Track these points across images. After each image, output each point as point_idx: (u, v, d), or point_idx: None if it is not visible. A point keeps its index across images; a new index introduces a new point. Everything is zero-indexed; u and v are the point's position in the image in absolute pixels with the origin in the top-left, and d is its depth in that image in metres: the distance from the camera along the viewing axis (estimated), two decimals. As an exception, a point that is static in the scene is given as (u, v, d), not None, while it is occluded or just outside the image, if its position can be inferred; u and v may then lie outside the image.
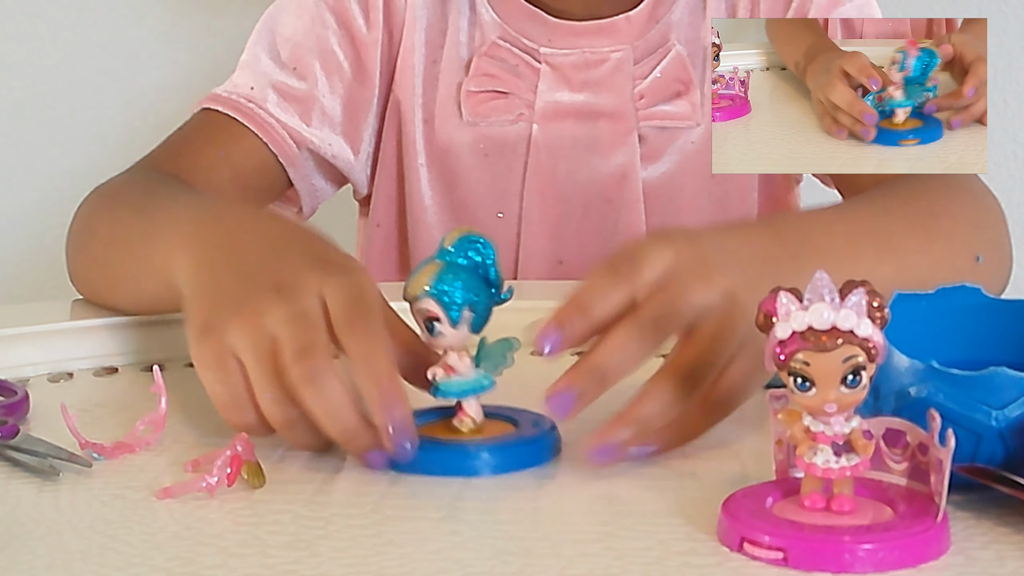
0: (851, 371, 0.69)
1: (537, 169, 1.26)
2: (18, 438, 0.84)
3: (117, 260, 1.04)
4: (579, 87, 1.26)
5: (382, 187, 1.30)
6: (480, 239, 0.82)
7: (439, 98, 1.27)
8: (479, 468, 0.81)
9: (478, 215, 1.28)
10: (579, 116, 1.26)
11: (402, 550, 0.72)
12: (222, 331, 0.83)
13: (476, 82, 1.26)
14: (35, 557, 0.72)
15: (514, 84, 1.26)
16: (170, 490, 0.78)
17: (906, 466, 0.73)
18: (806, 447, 0.71)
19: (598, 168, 1.26)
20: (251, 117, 1.21)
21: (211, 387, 0.83)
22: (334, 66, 1.25)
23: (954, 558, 0.70)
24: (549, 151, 1.26)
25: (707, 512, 0.74)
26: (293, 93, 1.23)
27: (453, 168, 1.27)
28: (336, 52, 1.25)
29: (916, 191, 1.03)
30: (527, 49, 1.26)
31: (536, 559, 0.71)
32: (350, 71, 1.25)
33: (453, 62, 1.27)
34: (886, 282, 0.77)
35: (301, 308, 0.82)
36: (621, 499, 0.78)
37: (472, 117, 1.26)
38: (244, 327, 0.82)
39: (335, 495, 0.79)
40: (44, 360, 1.01)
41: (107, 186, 1.14)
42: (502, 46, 1.26)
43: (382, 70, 1.27)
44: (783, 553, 0.69)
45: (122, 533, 0.74)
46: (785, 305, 0.70)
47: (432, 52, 1.27)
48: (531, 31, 1.26)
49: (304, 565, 0.70)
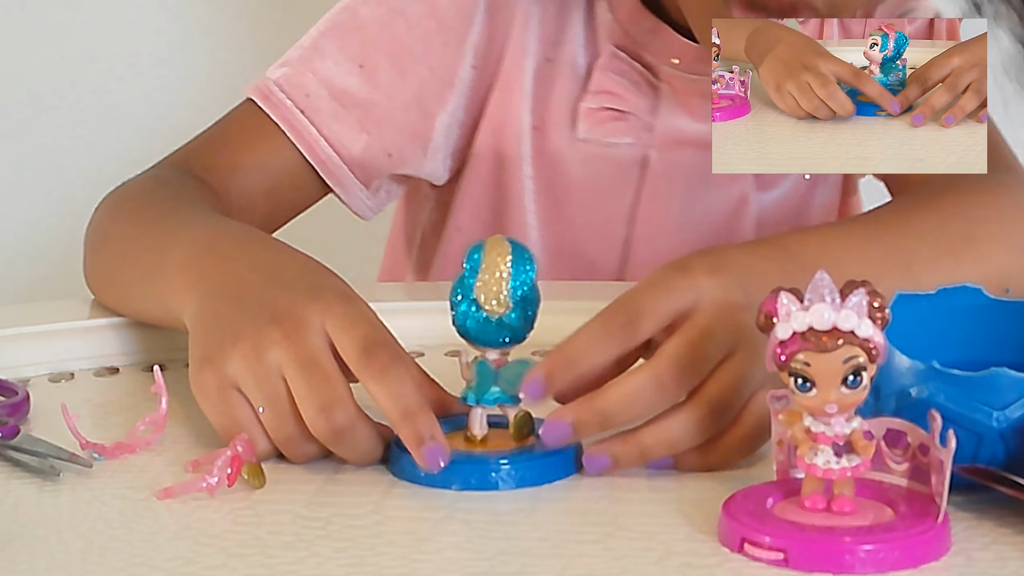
0: (852, 372, 0.69)
1: (652, 197, 1.21)
2: (19, 438, 0.84)
3: (125, 278, 1.02)
4: (702, 116, 1.19)
5: (468, 191, 1.23)
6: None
7: (551, 105, 1.20)
8: (507, 483, 0.79)
9: (583, 237, 1.23)
10: (699, 146, 1.19)
11: (402, 550, 0.72)
12: (221, 362, 0.83)
13: (596, 99, 1.19)
14: (35, 557, 0.72)
15: (633, 104, 1.19)
16: (170, 490, 0.78)
17: (907, 467, 0.73)
18: (807, 448, 0.71)
19: (715, 200, 1.21)
20: (299, 133, 1.15)
21: (214, 419, 0.83)
22: (408, 62, 1.17)
23: (955, 559, 0.70)
24: (666, 179, 1.20)
25: (707, 512, 0.74)
26: (355, 98, 1.16)
27: (563, 184, 1.21)
28: (413, 47, 1.17)
29: (958, 207, 1.00)
30: (647, 64, 1.19)
31: (536, 559, 0.71)
32: (428, 65, 1.17)
33: (568, 68, 1.20)
34: None
35: (310, 352, 0.81)
36: (621, 499, 0.78)
37: (588, 134, 1.19)
38: (244, 359, 0.82)
39: (335, 495, 0.79)
40: (45, 360, 1.01)
41: (129, 188, 1.11)
42: (621, 58, 1.18)
43: (476, 64, 1.19)
44: (784, 554, 0.69)
45: (122, 533, 0.74)
46: (786, 306, 0.70)
47: (547, 49, 1.20)
48: (653, 46, 1.19)
49: (304, 565, 0.70)
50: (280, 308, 0.83)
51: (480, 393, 0.81)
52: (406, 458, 0.79)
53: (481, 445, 0.81)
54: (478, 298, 0.80)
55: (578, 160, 1.21)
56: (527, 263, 0.80)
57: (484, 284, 0.80)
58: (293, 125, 1.15)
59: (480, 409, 0.81)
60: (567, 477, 0.80)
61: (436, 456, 0.78)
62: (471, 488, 0.79)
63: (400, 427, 0.79)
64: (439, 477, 0.79)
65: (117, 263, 1.05)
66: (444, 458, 0.78)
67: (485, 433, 0.82)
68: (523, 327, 0.81)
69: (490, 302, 0.80)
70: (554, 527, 0.75)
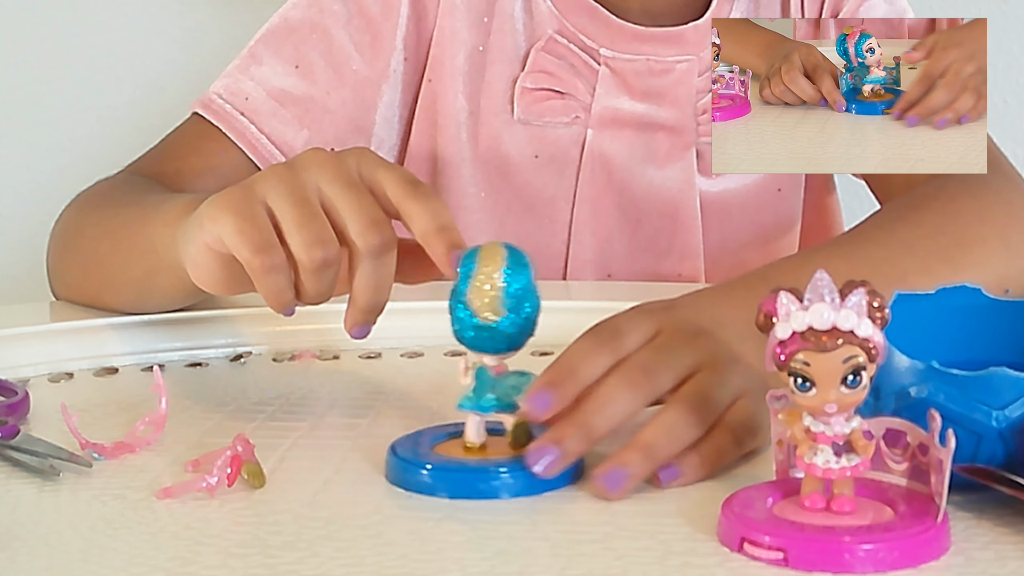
0: (851, 371, 0.69)
1: (590, 177, 1.23)
2: (18, 438, 0.84)
3: (109, 251, 1.03)
4: (640, 96, 1.22)
5: None
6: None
7: (487, 90, 1.22)
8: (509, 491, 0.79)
9: (525, 219, 1.24)
10: (638, 126, 1.22)
11: (402, 550, 0.72)
12: (250, 184, 0.83)
13: (533, 79, 1.21)
14: (35, 557, 0.72)
15: (572, 84, 1.21)
16: (170, 490, 0.78)
17: (906, 466, 0.73)
18: (806, 447, 0.71)
19: (653, 181, 1.23)
20: (241, 133, 1.18)
21: (237, 229, 0.82)
22: (341, 58, 1.21)
23: (954, 558, 0.70)
24: (604, 159, 1.22)
25: (707, 512, 0.74)
26: (292, 96, 1.20)
27: (501, 166, 1.23)
28: (345, 44, 1.21)
29: (945, 214, 1.00)
30: (586, 48, 1.21)
31: (536, 559, 0.71)
32: (362, 60, 1.21)
33: (506, 52, 1.22)
34: None
35: (351, 175, 0.83)
36: (621, 500, 0.78)
37: (525, 115, 1.22)
38: (274, 177, 0.83)
39: (335, 495, 0.79)
40: (44, 360, 1.01)
41: (92, 190, 1.13)
42: (560, 42, 1.21)
43: (407, 56, 1.22)
44: (783, 553, 0.69)
45: (122, 533, 0.74)
46: (785, 305, 0.70)
47: (477, 37, 1.22)
48: (591, 30, 1.22)
49: (305, 565, 0.70)
50: (308, 155, 0.85)
51: (477, 400, 0.80)
52: (402, 466, 0.79)
53: (479, 453, 0.80)
54: (471, 305, 0.79)
55: (516, 143, 1.23)
56: (523, 268, 0.79)
57: (477, 291, 0.79)
58: (234, 127, 1.19)
59: (478, 417, 0.81)
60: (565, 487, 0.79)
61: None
62: (467, 498, 0.77)
63: (434, 238, 0.81)
64: (435, 487, 0.78)
65: (98, 242, 1.05)
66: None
67: (483, 441, 0.81)
68: (520, 334, 0.80)
69: (484, 310, 0.79)
70: (554, 527, 0.75)
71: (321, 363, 1.02)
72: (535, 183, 1.24)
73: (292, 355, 1.03)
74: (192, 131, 1.20)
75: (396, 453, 0.80)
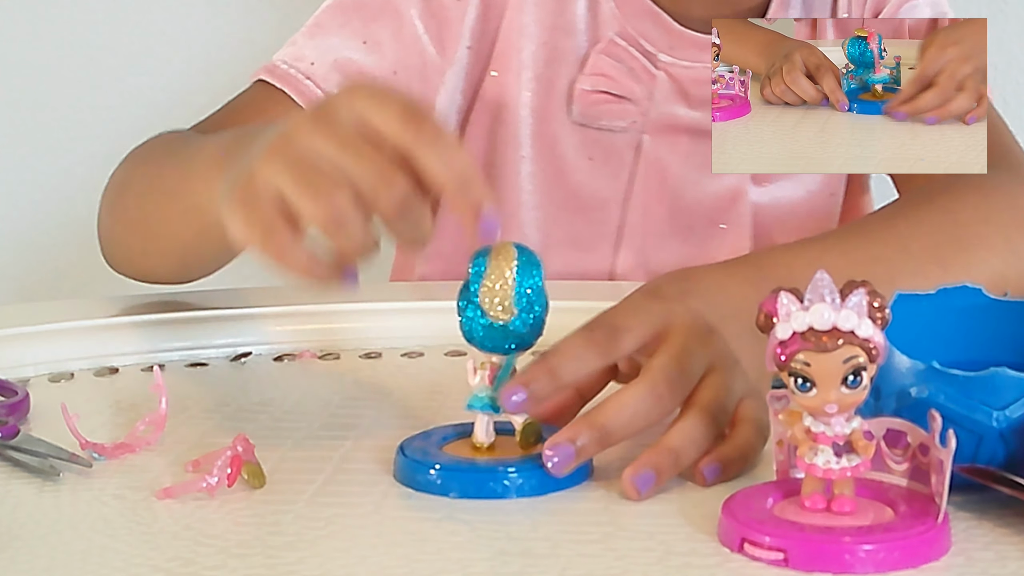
0: (852, 372, 0.69)
1: (644, 182, 1.21)
2: (18, 438, 0.84)
3: (153, 208, 1.01)
4: (697, 104, 1.20)
5: None
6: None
7: (549, 89, 1.21)
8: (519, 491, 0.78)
9: (576, 220, 1.23)
10: (694, 134, 1.20)
11: (402, 550, 0.72)
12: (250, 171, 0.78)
13: (591, 81, 1.20)
14: (35, 557, 0.72)
15: (630, 88, 1.20)
16: (170, 490, 0.78)
17: (907, 467, 0.73)
18: (807, 448, 0.71)
19: (706, 189, 1.22)
20: (307, 97, 1.16)
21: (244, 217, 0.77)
22: (409, 38, 1.18)
23: (955, 559, 0.70)
24: (659, 165, 1.21)
25: (707, 512, 0.74)
26: (359, 66, 1.17)
27: (556, 166, 1.22)
28: (415, 26, 1.18)
29: (948, 212, 0.99)
30: (645, 52, 1.20)
31: (536, 559, 0.71)
32: (430, 43, 1.19)
33: (567, 52, 1.21)
34: None
35: (347, 133, 0.76)
36: (621, 500, 0.78)
37: (582, 117, 1.20)
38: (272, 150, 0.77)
39: (335, 495, 0.79)
40: (44, 360, 1.01)
41: (141, 147, 1.12)
42: (620, 45, 1.20)
43: (472, 44, 1.20)
44: (784, 554, 0.69)
45: (122, 533, 0.74)
46: (786, 305, 0.70)
47: (545, 34, 1.21)
48: (652, 34, 1.20)
49: (305, 565, 0.70)
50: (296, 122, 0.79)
51: (483, 399, 0.80)
52: (411, 466, 0.79)
53: (488, 452, 0.80)
54: (483, 304, 0.79)
55: (573, 143, 1.21)
56: (534, 268, 0.79)
57: (489, 290, 0.79)
58: (300, 90, 1.16)
59: (486, 416, 0.80)
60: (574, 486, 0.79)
61: (493, 229, 0.76)
62: (475, 497, 0.77)
63: (455, 197, 0.76)
64: (442, 485, 0.78)
65: (142, 199, 1.04)
66: (498, 230, 0.75)
67: (492, 440, 0.81)
68: (530, 333, 0.80)
69: (495, 308, 0.79)
70: (554, 527, 0.75)
71: (321, 363, 1.02)
72: (589, 185, 1.23)
73: (292, 355, 1.03)
74: (257, 95, 1.18)
75: (405, 453, 0.80)
